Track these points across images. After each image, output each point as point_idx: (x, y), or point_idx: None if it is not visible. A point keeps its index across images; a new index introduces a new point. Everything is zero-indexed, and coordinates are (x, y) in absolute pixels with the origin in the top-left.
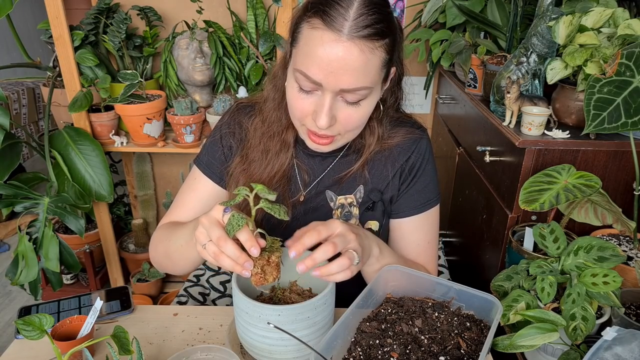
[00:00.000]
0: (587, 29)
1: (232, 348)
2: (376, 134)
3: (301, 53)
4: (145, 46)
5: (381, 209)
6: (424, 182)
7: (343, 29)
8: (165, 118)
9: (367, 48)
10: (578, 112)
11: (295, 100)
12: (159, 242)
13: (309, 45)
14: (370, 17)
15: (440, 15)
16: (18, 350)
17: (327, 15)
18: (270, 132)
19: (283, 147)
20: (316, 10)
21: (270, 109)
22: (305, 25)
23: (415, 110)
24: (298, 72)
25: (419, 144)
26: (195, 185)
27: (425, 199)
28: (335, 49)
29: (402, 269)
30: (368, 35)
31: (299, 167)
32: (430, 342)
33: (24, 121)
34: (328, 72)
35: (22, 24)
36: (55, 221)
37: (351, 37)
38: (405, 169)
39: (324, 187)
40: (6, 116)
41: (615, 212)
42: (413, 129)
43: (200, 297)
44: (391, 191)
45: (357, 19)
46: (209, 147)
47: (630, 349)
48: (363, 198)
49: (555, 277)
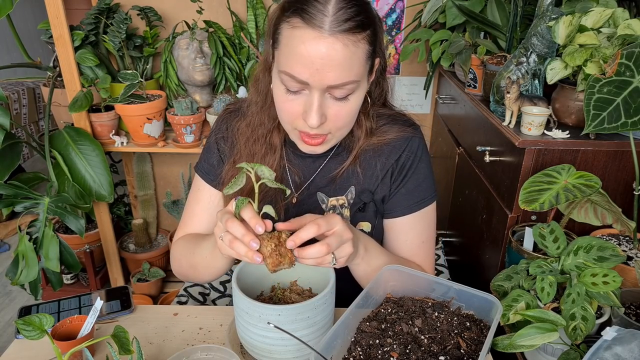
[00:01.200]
0: (587, 29)
1: (232, 348)
2: (364, 127)
3: (284, 54)
4: (146, 46)
5: (373, 209)
6: (417, 181)
7: (324, 25)
8: (166, 118)
9: (350, 42)
10: (578, 112)
11: (283, 102)
12: (182, 256)
13: (291, 45)
14: (349, 10)
15: (440, 15)
16: (18, 350)
17: (306, 13)
18: (254, 135)
19: (269, 150)
20: (294, 9)
21: (253, 112)
22: (284, 26)
23: (415, 110)
24: (283, 74)
25: (410, 142)
26: (199, 197)
27: (418, 197)
28: (318, 46)
29: (402, 268)
30: (350, 28)
31: (290, 169)
32: (430, 342)
33: (24, 121)
34: (313, 70)
35: (22, 24)
36: (55, 221)
37: (333, 32)
38: (397, 168)
39: (317, 188)
40: (6, 116)
41: (615, 212)
42: (405, 127)
43: (200, 297)
44: (382, 191)
45: (337, 13)
46: (205, 154)
47: (630, 348)
48: (354, 199)
49: (555, 277)
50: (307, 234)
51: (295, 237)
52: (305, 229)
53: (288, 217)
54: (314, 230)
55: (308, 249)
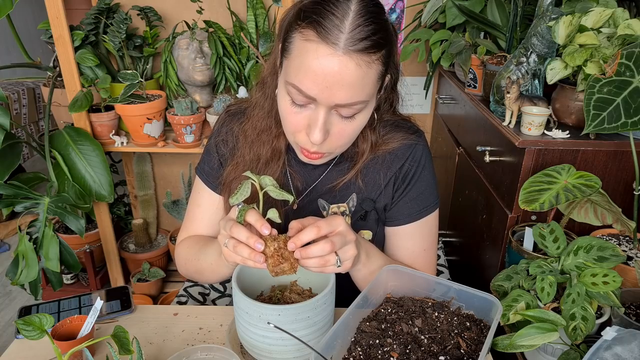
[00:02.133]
0: (587, 29)
1: (232, 348)
2: (369, 142)
3: (294, 66)
4: (146, 46)
5: (374, 217)
6: (419, 189)
7: (339, 42)
8: (166, 118)
9: (363, 62)
10: (578, 112)
11: (288, 114)
12: (187, 261)
13: (302, 58)
14: (366, 28)
15: (440, 16)
16: (18, 350)
17: (321, 26)
18: (260, 140)
19: (274, 155)
20: (310, 20)
21: (259, 117)
22: (297, 36)
23: (415, 110)
24: (291, 86)
25: (413, 150)
26: (200, 200)
27: (421, 206)
28: (330, 63)
29: (402, 269)
30: (365, 48)
31: (292, 175)
32: (430, 341)
33: (24, 121)
34: (323, 87)
35: (22, 24)
36: (55, 221)
37: (347, 50)
38: (399, 177)
39: (317, 195)
40: (6, 116)
41: (615, 212)
42: (408, 135)
43: (200, 297)
44: (384, 199)
45: (353, 30)
46: (205, 156)
47: (630, 348)
48: (356, 207)
49: (555, 277)
50: (307, 236)
51: (296, 239)
52: (306, 231)
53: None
54: (314, 232)
55: (311, 247)
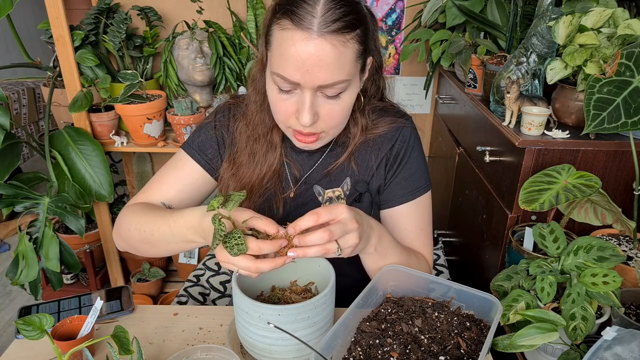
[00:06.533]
0: (587, 29)
1: (232, 348)
2: (360, 125)
3: (276, 55)
4: (146, 46)
5: (368, 199)
6: (411, 170)
7: (312, 26)
8: (166, 118)
9: (338, 42)
10: (578, 112)
11: (277, 102)
12: (133, 227)
13: (282, 46)
14: (337, 10)
15: (440, 15)
16: (18, 350)
17: (295, 14)
18: (255, 134)
19: (270, 148)
20: (284, 11)
21: (253, 111)
22: (275, 27)
23: (415, 110)
24: (275, 75)
25: (402, 131)
26: (180, 165)
27: (413, 186)
28: (307, 47)
29: (402, 268)
30: (338, 29)
31: (288, 164)
32: (430, 341)
33: (24, 121)
34: (304, 70)
35: (22, 24)
36: (55, 221)
37: (321, 33)
38: (390, 158)
39: (313, 182)
40: (6, 116)
41: (615, 212)
42: (396, 118)
43: (200, 297)
44: (377, 181)
45: (325, 14)
46: (197, 133)
47: (630, 348)
48: (350, 190)
49: (555, 277)
50: (305, 223)
51: (295, 225)
52: (305, 217)
53: (286, 210)
54: (313, 219)
55: (308, 235)
